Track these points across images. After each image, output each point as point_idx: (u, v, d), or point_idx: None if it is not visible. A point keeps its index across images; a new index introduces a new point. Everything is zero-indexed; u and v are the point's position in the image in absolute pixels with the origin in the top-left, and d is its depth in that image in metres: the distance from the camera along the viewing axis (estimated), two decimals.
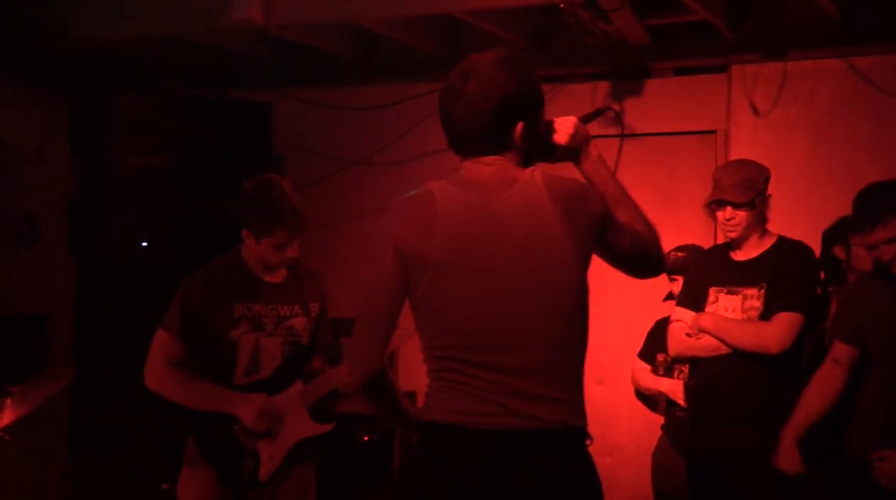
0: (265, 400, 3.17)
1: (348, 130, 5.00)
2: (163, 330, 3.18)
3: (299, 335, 3.29)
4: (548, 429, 1.97)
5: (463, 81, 2.08)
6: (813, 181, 4.30)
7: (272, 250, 3.19)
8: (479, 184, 2.08)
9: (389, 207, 2.14)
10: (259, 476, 3.18)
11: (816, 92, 4.41)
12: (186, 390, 3.16)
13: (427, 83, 4.86)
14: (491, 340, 2.00)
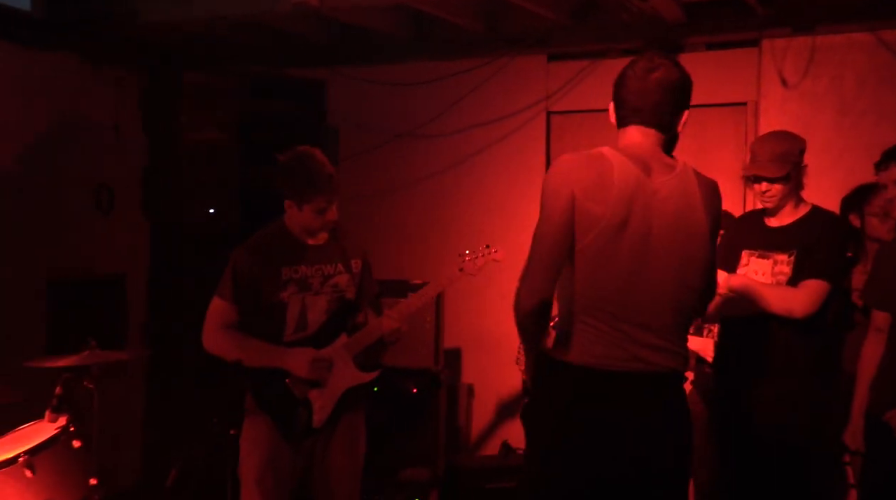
0: (314, 352, 3.21)
1: (396, 105, 5.01)
2: (217, 297, 3.24)
3: (344, 291, 3.33)
4: (660, 373, 2.30)
5: (649, 70, 2.33)
6: (839, 152, 4.22)
7: (313, 215, 3.21)
8: (645, 160, 2.30)
9: (560, 160, 2.35)
10: (313, 424, 3.23)
11: (844, 65, 4.30)
12: (241, 350, 3.20)
13: (469, 60, 4.86)
14: (636, 298, 2.26)
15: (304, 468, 3.31)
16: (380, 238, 4.72)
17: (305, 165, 3.21)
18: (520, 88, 4.83)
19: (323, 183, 3.19)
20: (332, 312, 3.29)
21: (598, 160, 2.27)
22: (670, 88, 2.33)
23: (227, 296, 3.21)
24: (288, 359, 3.18)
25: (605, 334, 2.27)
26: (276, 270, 3.22)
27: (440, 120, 4.94)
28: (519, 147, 4.85)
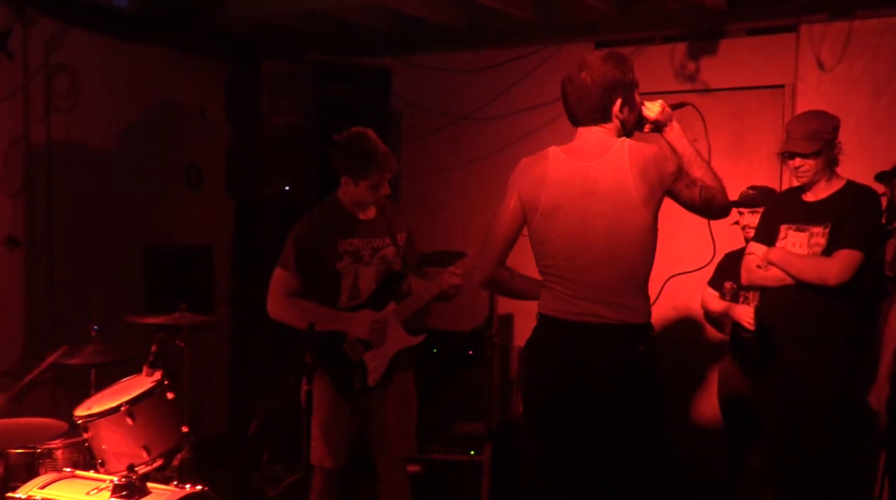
0: (373, 315, 3.24)
1: (454, 90, 4.99)
2: (280, 268, 3.27)
3: (391, 262, 3.35)
4: (611, 324, 2.50)
5: (577, 71, 2.57)
6: (873, 131, 4.09)
7: (368, 190, 3.23)
8: (582, 151, 2.56)
9: (519, 164, 2.67)
10: (368, 383, 3.27)
11: (880, 48, 4.16)
12: (303, 316, 3.22)
13: (522, 48, 4.82)
14: (576, 264, 2.52)
15: (361, 423, 3.36)
16: (439, 213, 4.74)
17: (362, 143, 3.23)
18: None
19: (378, 160, 3.21)
20: (380, 281, 3.32)
21: (541, 160, 2.60)
22: (584, 94, 2.55)
23: (289, 267, 3.24)
24: (351, 323, 3.22)
25: (561, 293, 2.55)
26: (333, 243, 3.25)
27: (494, 104, 4.90)
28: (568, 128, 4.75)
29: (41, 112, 4.35)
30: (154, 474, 3.16)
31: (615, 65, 2.54)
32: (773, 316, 3.32)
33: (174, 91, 5.07)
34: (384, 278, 3.33)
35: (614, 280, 2.50)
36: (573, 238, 2.52)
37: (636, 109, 2.60)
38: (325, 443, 3.26)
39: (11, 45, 4.15)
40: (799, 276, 3.15)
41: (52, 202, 4.40)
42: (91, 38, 4.56)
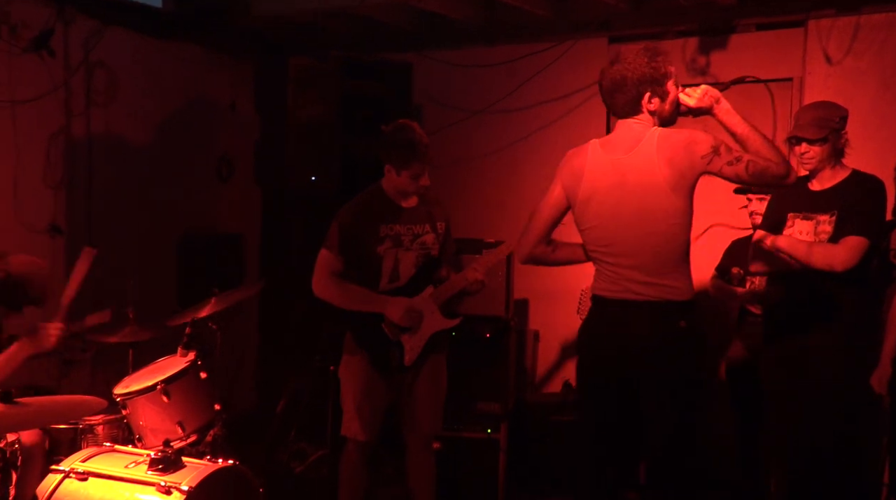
0: (408, 301, 3.25)
1: (473, 85, 4.98)
2: (325, 249, 3.29)
3: (430, 249, 3.36)
4: (651, 301, 2.57)
5: (610, 66, 2.63)
6: (879, 123, 4.05)
7: (410, 179, 3.25)
8: (616, 144, 2.64)
9: (565, 154, 2.79)
10: (404, 362, 3.28)
11: (886, 42, 4.11)
12: (345, 296, 3.27)
13: (537, 44, 4.80)
14: (613, 249, 2.63)
15: (394, 400, 3.39)
16: (459, 202, 4.73)
17: (406, 135, 3.25)
18: (583, 69, 4.74)
19: (420, 152, 3.23)
20: (419, 266, 3.33)
21: (581, 152, 2.71)
22: (615, 89, 2.60)
23: (333, 248, 3.27)
24: (388, 306, 3.24)
25: (606, 275, 2.66)
26: (375, 227, 3.27)
27: (512, 98, 4.89)
28: (582, 121, 4.79)
29: (81, 107, 4.39)
30: (188, 449, 3.18)
31: (646, 59, 2.57)
32: (780, 301, 3.30)
33: (206, 86, 5.09)
34: (423, 263, 3.34)
35: (650, 263, 2.58)
36: (605, 228, 2.63)
37: (670, 100, 2.62)
38: (359, 417, 3.30)
39: (53, 44, 4.19)
40: (806, 262, 3.12)
41: (92, 192, 4.44)
42: (127, 35, 4.59)
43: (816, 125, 3.13)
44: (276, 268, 5.32)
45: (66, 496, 2.74)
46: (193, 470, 2.82)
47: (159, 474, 2.79)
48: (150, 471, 2.80)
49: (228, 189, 5.26)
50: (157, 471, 2.80)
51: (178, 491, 2.69)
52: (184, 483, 2.72)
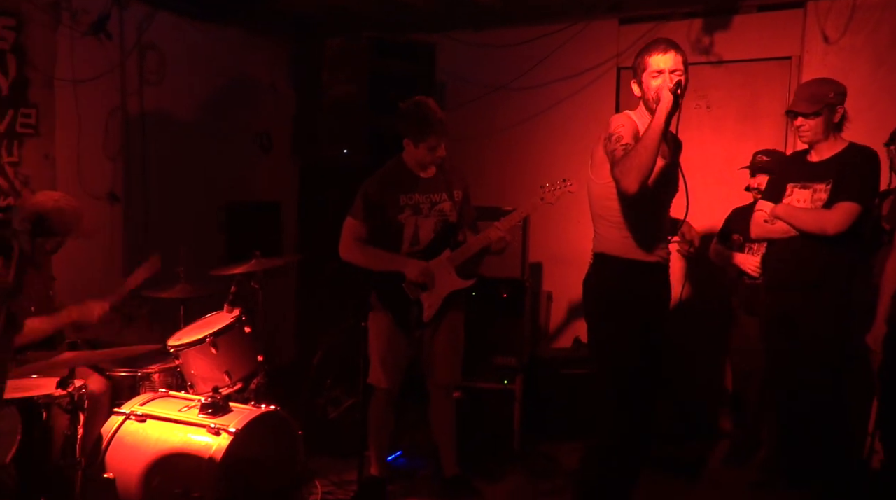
0: (424, 264, 3.28)
1: (492, 63, 4.93)
2: (350, 217, 3.32)
3: (448, 215, 3.37)
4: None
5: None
6: (873, 98, 3.97)
7: (426, 151, 3.25)
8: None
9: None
10: (423, 319, 3.32)
11: (881, 22, 4.01)
12: (368, 258, 3.31)
13: (552, 25, 4.74)
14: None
15: (416, 353, 3.43)
16: (480, 172, 4.72)
17: (422, 110, 3.25)
18: (595, 48, 4.69)
19: (435, 125, 3.23)
20: (438, 231, 3.35)
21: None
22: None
23: (358, 216, 3.30)
24: (406, 265, 3.27)
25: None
26: (396, 197, 3.28)
27: (528, 76, 4.84)
28: (594, 97, 4.74)
29: (135, 85, 4.40)
30: (235, 395, 3.23)
31: (640, 50, 2.69)
32: (779, 264, 3.28)
33: (247, 66, 5.08)
34: (441, 228, 3.35)
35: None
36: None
37: (646, 89, 2.66)
38: (383, 367, 3.35)
39: (109, 27, 4.20)
40: (801, 227, 3.10)
41: (146, 164, 4.47)
42: (175, 19, 4.58)
43: (811, 101, 3.10)
44: (311, 233, 5.34)
45: (127, 435, 2.82)
46: (239, 414, 2.89)
47: (209, 417, 2.86)
48: (201, 414, 2.87)
49: (268, 161, 5.27)
50: (207, 414, 2.87)
51: (226, 432, 2.76)
52: (231, 425, 2.79)
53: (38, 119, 3.94)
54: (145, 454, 2.75)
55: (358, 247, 3.31)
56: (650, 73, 2.64)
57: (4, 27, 3.77)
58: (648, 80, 2.65)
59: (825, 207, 3.07)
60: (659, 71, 2.63)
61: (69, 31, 4.03)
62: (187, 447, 2.76)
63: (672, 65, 2.62)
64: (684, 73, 2.64)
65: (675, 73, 2.61)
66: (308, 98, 5.23)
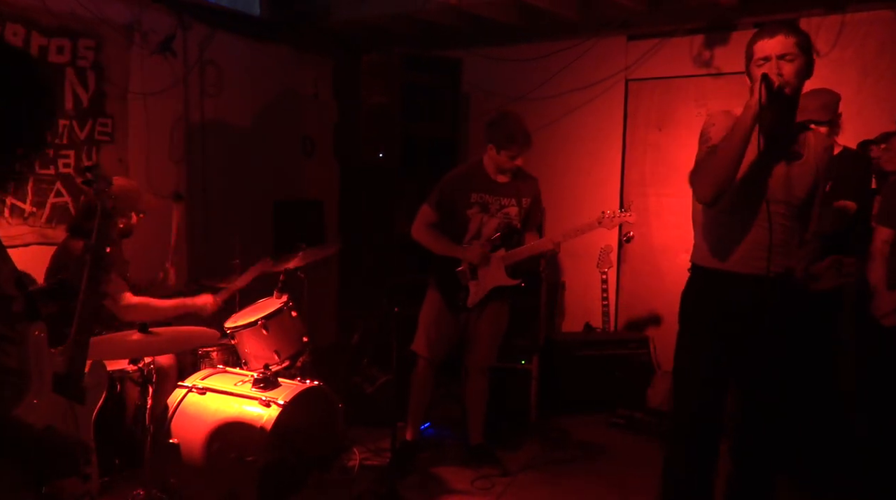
0: (485, 246, 3.29)
1: (512, 76, 4.90)
2: (426, 205, 3.35)
3: (512, 219, 3.35)
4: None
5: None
6: (860, 107, 3.88)
7: (507, 159, 3.25)
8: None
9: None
10: (467, 304, 3.33)
11: (868, 36, 3.91)
12: (434, 242, 3.33)
13: (566, 41, 4.69)
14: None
15: (461, 333, 3.43)
16: None
17: (512, 123, 3.25)
18: (605, 62, 4.64)
19: (520, 137, 3.22)
20: (499, 230, 3.33)
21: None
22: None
23: (432, 204, 3.32)
24: (467, 251, 3.28)
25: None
26: (468, 193, 3.29)
27: (544, 87, 4.80)
28: (604, 106, 4.70)
29: (197, 97, 4.45)
30: (283, 372, 3.23)
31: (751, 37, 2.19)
32: None
33: (293, 79, 5.10)
34: (504, 230, 3.33)
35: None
36: None
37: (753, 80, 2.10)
38: (427, 338, 3.38)
39: (175, 46, 4.25)
40: None
41: (206, 167, 4.51)
42: (232, 38, 4.61)
43: (824, 109, 3.07)
44: (350, 227, 5.35)
45: (190, 406, 2.84)
46: (287, 388, 2.90)
47: (261, 390, 2.87)
48: (253, 388, 2.88)
49: (312, 164, 5.28)
50: (259, 388, 2.88)
51: (276, 404, 2.77)
52: (280, 398, 2.80)
53: (114, 128, 3.99)
54: (205, 423, 2.78)
55: (427, 231, 3.33)
56: (755, 62, 2.11)
57: (86, 48, 3.83)
58: (754, 69, 2.11)
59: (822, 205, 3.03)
60: (765, 57, 2.07)
61: (140, 50, 4.08)
62: (242, 416, 2.78)
63: (781, 49, 2.04)
64: (799, 57, 2.04)
65: (786, 59, 2.04)
66: (347, 107, 5.24)
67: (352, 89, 4.84)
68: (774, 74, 2.01)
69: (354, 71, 4.72)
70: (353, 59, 4.89)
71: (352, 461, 3.35)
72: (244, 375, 3.04)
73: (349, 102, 5.07)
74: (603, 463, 3.62)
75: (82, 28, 3.79)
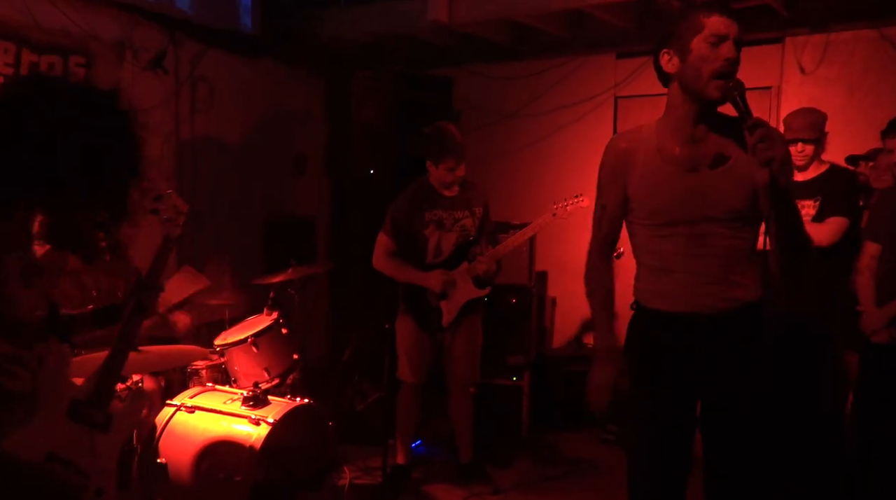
0: (446, 273, 3.25)
1: (503, 93, 4.93)
2: (382, 234, 3.31)
3: (468, 231, 3.34)
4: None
5: None
6: (846, 124, 3.91)
7: (446, 171, 3.22)
8: None
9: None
10: (442, 323, 3.29)
11: (852, 55, 3.96)
12: (397, 271, 3.29)
13: (556, 59, 4.74)
14: None
15: (438, 354, 3.40)
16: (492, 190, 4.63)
17: (441, 134, 3.22)
18: (594, 79, 4.67)
19: (453, 148, 3.19)
20: (458, 245, 3.32)
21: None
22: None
23: (387, 232, 3.28)
24: (429, 279, 3.24)
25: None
26: (421, 213, 3.26)
27: (534, 104, 4.83)
28: (593, 123, 4.72)
29: (187, 114, 4.43)
30: (273, 389, 3.21)
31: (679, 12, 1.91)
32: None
33: (286, 96, 5.10)
34: (461, 242, 3.32)
35: None
36: None
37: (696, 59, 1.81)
38: (409, 364, 3.34)
39: (166, 63, 4.24)
40: None
41: (197, 183, 4.49)
42: (224, 55, 4.61)
43: (811, 128, 3.09)
44: (341, 244, 5.34)
45: (178, 425, 2.81)
46: (277, 406, 2.88)
47: (250, 408, 2.84)
48: (243, 406, 2.86)
49: (303, 181, 5.27)
50: (248, 406, 2.85)
51: (265, 423, 2.74)
52: (269, 416, 2.77)
53: None
54: (194, 442, 2.74)
55: (388, 260, 3.29)
56: (705, 38, 1.71)
57: (77, 65, 3.81)
58: (703, 47, 1.71)
59: (813, 221, 3.04)
60: (720, 36, 1.70)
61: (131, 67, 4.07)
62: (231, 435, 2.75)
63: (737, 33, 1.71)
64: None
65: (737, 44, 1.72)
66: (340, 124, 5.24)
67: (344, 106, 4.84)
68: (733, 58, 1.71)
69: (347, 88, 4.73)
70: (345, 77, 4.90)
71: (342, 479, 3.30)
72: (233, 393, 3.01)
73: (341, 118, 5.07)
74: (594, 479, 3.60)
75: (73, 45, 3.78)
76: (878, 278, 2.98)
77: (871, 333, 2.93)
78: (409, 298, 3.32)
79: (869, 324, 2.94)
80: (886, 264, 2.96)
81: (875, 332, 2.91)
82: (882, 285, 2.95)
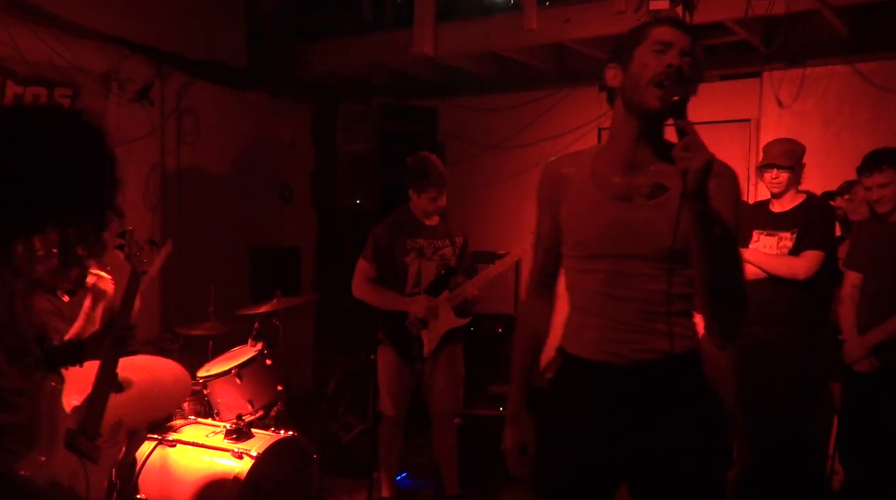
0: (429, 299, 3.23)
1: (487, 125, 4.97)
2: (362, 259, 3.30)
3: (448, 260, 3.33)
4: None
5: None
6: (822, 155, 3.98)
7: (428, 201, 3.23)
8: None
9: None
10: (423, 353, 3.27)
11: (828, 89, 4.05)
12: (378, 297, 3.27)
13: (540, 92, 4.79)
14: None
15: (419, 384, 3.36)
16: (476, 220, 4.71)
17: (424, 164, 3.24)
18: (578, 112, 4.74)
19: (435, 178, 3.21)
20: (439, 274, 3.31)
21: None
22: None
23: (368, 258, 3.27)
24: (411, 305, 3.23)
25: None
26: (403, 241, 3.25)
27: (518, 136, 4.87)
28: None
29: (173, 144, 4.44)
30: (257, 422, 3.18)
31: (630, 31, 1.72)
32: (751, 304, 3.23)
33: (272, 127, 5.12)
34: (442, 271, 3.32)
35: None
36: None
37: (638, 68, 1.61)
38: (390, 396, 3.30)
39: (152, 95, 4.25)
40: (773, 271, 3.06)
41: (181, 213, 4.48)
42: (210, 87, 4.63)
43: (787, 156, 3.12)
44: (327, 274, 5.32)
45: (159, 459, 2.76)
46: (261, 439, 2.85)
47: (233, 442, 2.81)
48: (225, 439, 2.82)
49: (289, 210, 5.27)
50: (231, 439, 2.82)
51: (248, 456, 2.71)
52: (253, 450, 2.74)
53: None
54: (175, 478, 2.69)
55: (368, 287, 3.28)
56: (649, 46, 1.57)
57: (62, 96, 3.81)
58: (646, 55, 1.56)
59: (791, 253, 3.06)
60: (665, 43, 1.55)
61: (117, 98, 4.08)
62: (213, 471, 2.70)
63: (685, 44, 1.55)
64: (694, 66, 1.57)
65: (686, 59, 1.54)
66: (325, 154, 5.26)
67: (329, 136, 4.87)
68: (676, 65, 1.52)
69: (332, 119, 4.75)
70: (331, 107, 4.94)
71: None
72: (216, 426, 2.97)
73: (327, 148, 5.10)
74: None
75: (59, 77, 3.78)
76: (859, 308, 3.01)
77: (853, 362, 2.95)
78: (388, 327, 3.30)
79: (851, 353, 2.97)
80: (867, 294, 2.99)
81: (857, 361, 2.94)
82: (863, 315, 2.98)
